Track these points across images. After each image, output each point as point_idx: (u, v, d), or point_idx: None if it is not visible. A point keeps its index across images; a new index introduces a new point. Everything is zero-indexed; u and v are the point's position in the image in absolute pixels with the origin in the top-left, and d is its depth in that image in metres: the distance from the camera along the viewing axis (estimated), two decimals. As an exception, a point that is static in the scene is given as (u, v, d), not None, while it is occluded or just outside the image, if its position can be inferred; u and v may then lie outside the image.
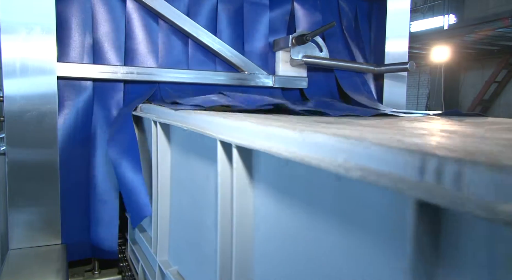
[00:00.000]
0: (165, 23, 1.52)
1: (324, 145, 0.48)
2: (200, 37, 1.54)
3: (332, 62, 1.74)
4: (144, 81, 1.47)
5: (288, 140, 0.55)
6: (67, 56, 1.36)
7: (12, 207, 1.23)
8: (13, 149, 1.22)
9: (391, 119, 0.98)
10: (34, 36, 1.22)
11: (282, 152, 0.54)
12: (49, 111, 1.25)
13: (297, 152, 0.52)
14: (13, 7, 1.20)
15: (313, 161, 0.47)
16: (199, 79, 1.54)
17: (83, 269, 1.48)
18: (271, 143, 0.59)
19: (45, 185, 1.26)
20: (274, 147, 0.56)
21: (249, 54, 1.66)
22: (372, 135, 0.47)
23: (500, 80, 9.06)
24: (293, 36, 1.65)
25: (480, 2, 9.05)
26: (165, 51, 1.53)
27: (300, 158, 0.50)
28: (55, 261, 1.17)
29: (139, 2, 1.46)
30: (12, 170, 1.22)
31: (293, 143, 0.54)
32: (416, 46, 8.40)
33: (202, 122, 0.85)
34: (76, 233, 1.38)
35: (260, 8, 1.68)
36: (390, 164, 0.38)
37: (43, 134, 1.25)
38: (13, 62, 1.21)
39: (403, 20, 1.89)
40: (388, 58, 1.86)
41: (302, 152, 0.51)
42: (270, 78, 1.66)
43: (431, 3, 9.90)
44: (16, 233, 1.24)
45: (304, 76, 1.74)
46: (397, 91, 1.91)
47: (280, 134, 0.57)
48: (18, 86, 1.21)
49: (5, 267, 1.12)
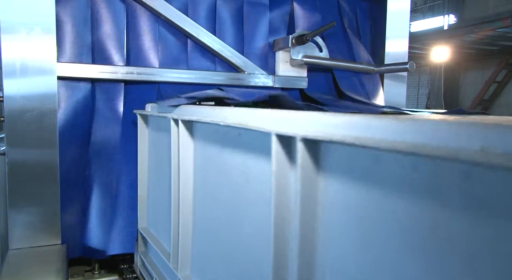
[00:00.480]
0: (165, 23, 1.52)
1: (457, 133, 0.40)
2: (200, 37, 1.54)
3: (332, 62, 1.74)
4: (144, 81, 1.47)
5: (398, 130, 0.46)
6: (67, 56, 1.36)
7: (12, 207, 1.23)
8: (13, 149, 1.22)
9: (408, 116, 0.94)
10: (34, 36, 1.22)
11: (383, 145, 0.45)
12: (49, 111, 1.25)
13: (419, 143, 0.43)
14: (13, 7, 1.20)
15: (443, 153, 0.39)
16: (199, 79, 1.54)
17: (83, 269, 1.48)
18: (369, 133, 0.50)
19: (45, 185, 1.26)
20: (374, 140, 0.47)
21: (249, 54, 1.66)
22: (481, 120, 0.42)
23: (500, 80, 9.05)
24: (293, 36, 1.64)
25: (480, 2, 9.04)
26: (165, 51, 1.53)
27: (427, 151, 0.41)
28: (55, 261, 1.17)
29: (139, 2, 1.46)
30: (12, 170, 1.22)
31: (404, 133, 0.45)
32: (416, 46, 8.40)
33: (244, 116, 0.74)
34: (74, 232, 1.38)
35: (260, 8, 1.68)
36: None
37: (43, 134, 1.25)
38: (13, 62, 1.21)
39: (403, 20, 1.89)
40: (388, 58, 1.86)
41: (425, 144, 0.42)
42: (270, 78, 1.66)
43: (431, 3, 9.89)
44: (16, 233, 1.24)
45: (304, 76, 1.74)
46: (397, 91, 1.90)
47: (379, 124, 0.48)
48: (18, 86, 1.21)
49: (5, 267, 1.12)
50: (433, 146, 0.42)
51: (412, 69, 1.64)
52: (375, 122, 0.50)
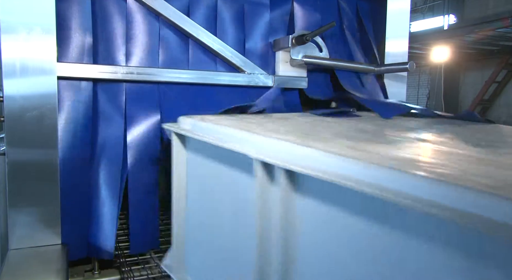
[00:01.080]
0: (165, 23, 1.52)
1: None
2: (200, 37, 1.54)
3: (332, 62, 1.74)
4: (144, 81, 1.47)
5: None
6: (67, 56, 1.36)
7: (12, 207, 1.23)
8: (13, 149, 1.22)
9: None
10: (34, 36, 1.22)
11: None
12: (49, 111, 1.25)
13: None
14: (13, 7, 1.20)
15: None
16: (199, 79, 1.54)
17: (83, 269, 1.48)
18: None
19: (45, 185, 1.26)
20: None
21: (249, 54, 1.66)
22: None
23: (500, 80, 9.06)
24: (293, 36, 1.65)
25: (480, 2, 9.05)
26: (165, 51, 1.53)
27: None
28: (55, 261, 1.17)
29: (139, 2, 1.46)
30: (12, 170, 1.22)
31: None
32: (416, 46, 8.40)
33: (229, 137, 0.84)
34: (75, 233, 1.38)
35: (260, 8, 1.68)
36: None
37: (43, 134, 1.25)
38: (13, 62, 1.21)
39: (403, 20, 1.89)
40: (388, 58, 1.86)
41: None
42: (270, 78, 1.66)
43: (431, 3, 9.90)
44: (16, 233, 1.24)
45: (304, 76, 1.74)
46: (397, 91, 1.90)
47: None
48: (18, 86, 1.21)
49: (5, 267, 1.12)
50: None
51: (412, 69, 1.64)
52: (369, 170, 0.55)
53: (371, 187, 0.49)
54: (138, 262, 1.46)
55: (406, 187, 0.45)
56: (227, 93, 1.60)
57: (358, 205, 0.57)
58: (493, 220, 0.36)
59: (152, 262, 1.46)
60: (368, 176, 0.51)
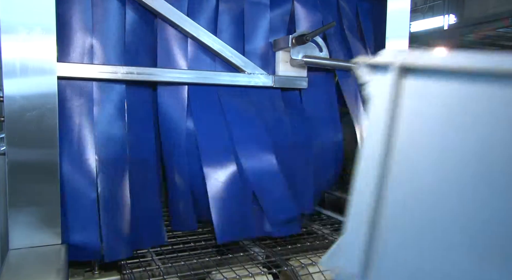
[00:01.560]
0: (165, 23, 1.52)
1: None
2: (200, 37, 1.54)
3: (332, 62, 1.74)
4: (144, 81, 1.47)
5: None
6: (67, 56, 1.36)
7: (12, 207, 1.23)
8: (13, 149, 1.22)
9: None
10: (34, 36, 1.22)
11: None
12: (49, 111, 1.25)
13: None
14: (13, 7, 1.20)
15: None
16: (199, 79, 1.54)
17: (83, 269, 1.48)
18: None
19: (45, 185, 1.26)
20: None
21: (249, 54, 1.66)
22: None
23: (500, 80, 9.05)
24: (293, 36, 1.64)
25: (480, 2, 9.05)
26: (165, 51, 1.53)
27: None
28: (55, 261, 1.17)
29: (139, 2, 1.46)
30: (12, 170, 1.22)
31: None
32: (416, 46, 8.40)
33: None
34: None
35: (261, 8, 1.68)
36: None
37: (43, 134, 1.25)
38: (13, 62, 1.21)
39: (403, 20, 1.89)
40: (388, 58, 1.86)
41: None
42: (270, 78, 1.66)
43: (431, 3, 9.90)
44: (16, 233, 1.24)
45: (304, 76, 1.74)
46: (397, 91, 1.90)
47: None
48: (18, 86, 1.21)
49: (5, 267, 1.12)
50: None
51: (412, 69, 1.63)
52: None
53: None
54: (138, 264, 1.46)
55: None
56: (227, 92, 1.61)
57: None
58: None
59: (153, 264, 1.46)
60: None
